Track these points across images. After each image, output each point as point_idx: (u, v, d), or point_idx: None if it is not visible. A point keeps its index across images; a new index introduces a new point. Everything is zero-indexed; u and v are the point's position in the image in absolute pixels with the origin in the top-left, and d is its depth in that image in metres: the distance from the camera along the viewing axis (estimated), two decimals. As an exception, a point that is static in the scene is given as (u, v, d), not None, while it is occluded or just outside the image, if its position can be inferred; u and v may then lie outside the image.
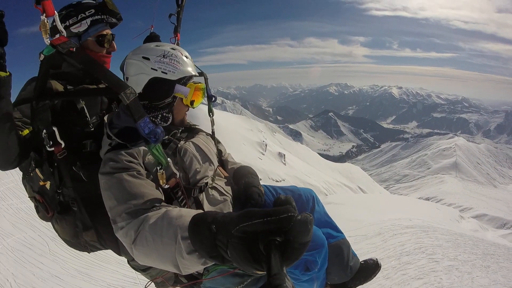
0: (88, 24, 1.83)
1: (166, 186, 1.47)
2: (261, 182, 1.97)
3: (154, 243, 1.12)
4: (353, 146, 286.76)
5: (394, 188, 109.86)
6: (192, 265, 1.05)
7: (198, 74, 1.79)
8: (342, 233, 2.13)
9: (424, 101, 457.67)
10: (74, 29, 1.80)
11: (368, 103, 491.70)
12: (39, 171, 1.71)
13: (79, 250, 1.94)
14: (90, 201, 1.66)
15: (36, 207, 1.88)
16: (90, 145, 1.72)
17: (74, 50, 1.36)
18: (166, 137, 1.62)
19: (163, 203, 1.35)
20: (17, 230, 6.92)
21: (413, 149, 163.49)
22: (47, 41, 1.34)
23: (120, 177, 1.38)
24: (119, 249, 1.78)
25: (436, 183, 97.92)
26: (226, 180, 1.89)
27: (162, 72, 1.58)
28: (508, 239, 20.09)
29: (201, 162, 1.71)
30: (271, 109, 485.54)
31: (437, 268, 5.82)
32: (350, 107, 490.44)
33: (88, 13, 1.84)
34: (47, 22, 1.31)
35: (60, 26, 1.37)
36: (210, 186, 1.73)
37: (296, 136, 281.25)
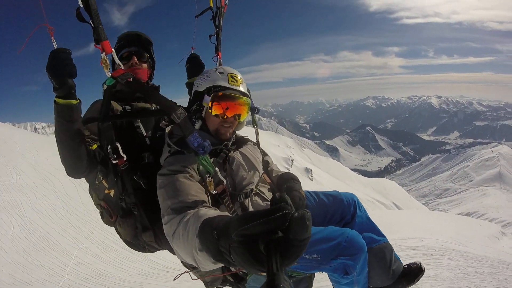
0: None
1: (214, 192, 1.59)
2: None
3: (183, 237, 1.21)
4: (392, 160, 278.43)
5: (434, 203, 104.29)
6: (205, 262, 1.09)
7: (229, 85, 1.83)
8: (384, 236, 2.08)
9: (465, 109, 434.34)
10: None
11: (407, 115, 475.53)
12: (105, 181, 1.96)
13: (138, 251, 2.15)
14: (149, 205, 1.86)
15: (101, 213, 2.12)
16: (148, 157, 1.93)
17: (131, 80, 1.58)
18: (218, 147, 1.84)
19: (205, 204, 1.43)
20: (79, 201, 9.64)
21: (455, 161, 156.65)
22: (108, 74, 1.53)
23: (174, 178, 1.55)
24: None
25: (478, 196, 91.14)
26: (269, 187, 2.07)
27: (196, 86, 1.91)
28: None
29: (247, 169, 1.87)
30: (308, 126, 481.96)
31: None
32: (388, 120, 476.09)
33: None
34: (106, 58, 1.51)
35: (118, 61, 1.58)
36: (254, 192, 1.88)
37: (333, 152, 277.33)
